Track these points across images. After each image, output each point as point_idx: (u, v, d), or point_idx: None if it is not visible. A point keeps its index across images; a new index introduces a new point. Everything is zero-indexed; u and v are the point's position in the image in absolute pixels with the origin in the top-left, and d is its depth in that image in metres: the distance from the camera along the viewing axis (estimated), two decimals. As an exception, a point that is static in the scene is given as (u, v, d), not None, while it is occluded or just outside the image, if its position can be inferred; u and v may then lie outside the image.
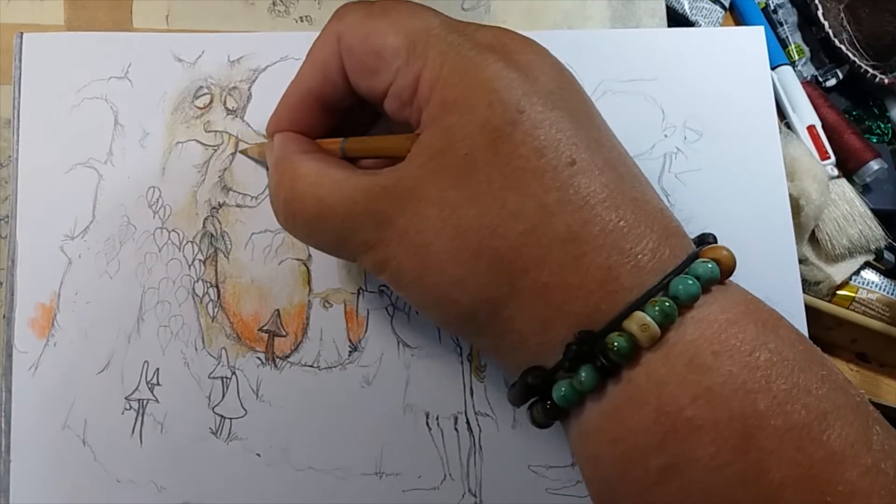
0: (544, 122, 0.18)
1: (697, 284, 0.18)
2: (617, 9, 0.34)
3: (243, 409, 0.28)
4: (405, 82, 0.20)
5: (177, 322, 0.28)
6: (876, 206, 0.36)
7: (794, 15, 0.39)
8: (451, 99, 0.19)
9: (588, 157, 0.18)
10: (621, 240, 0.18)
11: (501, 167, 0.18)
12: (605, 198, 0.18)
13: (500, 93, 0.18)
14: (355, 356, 0.28)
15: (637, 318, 0.17)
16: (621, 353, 0.17)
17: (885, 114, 0.39)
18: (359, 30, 0.21)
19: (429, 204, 0.19)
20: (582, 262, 0.18)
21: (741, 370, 0.17)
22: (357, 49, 0.21)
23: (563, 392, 0.18)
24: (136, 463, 0.27)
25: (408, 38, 0.20)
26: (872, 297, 0.35)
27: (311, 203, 0.21)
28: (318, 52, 0.22)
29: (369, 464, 0.27)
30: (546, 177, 0.18)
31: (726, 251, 0.19)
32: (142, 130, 0.30)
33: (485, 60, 0.19)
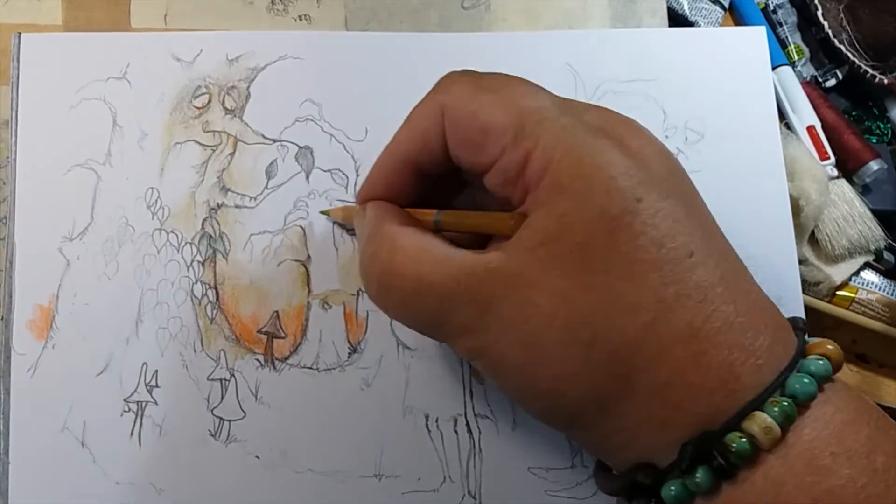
0: (661, 212, 0.18)
1: (814, 383, 0.17)
2: (617, 8, 0.34)
3: (242, 411, 0.27)
4: (512, 161, 0.19)
5: (175, 324, 0.28)
6: (875, 207, 0.36)
7: (794, 15, 0.39)
8: (566, 183, 0.18)
9: (704, 247, 0.18)
10: (741, 336, 0.17)
11: (619, 257, 0.17)
12: (723, 291, 0.18)
13: (618, 180, 0.18)
14: (354, 358, 0.28)
15: (759, 420, 0.17)
16: (742, 455, 0.17)
17: (884, 114, 0.39)
18: (466, 105, 0.20)
19: (539, 292, 0.18)
20: (703, 360, 0.17)
21: (860, 473, 0.16)
22: (463, 124, 0.20)
23: (673, 492, 0.18)
24: (134, 465, 0.27)
25: (518, 116, 0.19)
26: (872, 297, 0.35)
27: (409, 279, 0.20)
28: (419, 121, 0.22)
29: (368, 466, 0.27)
30: (665, 269, 0.17)
31: (832, 345, 0.19)
32: (140, 131, 0.29)
33: (601, 146, 0.18)
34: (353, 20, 0.33)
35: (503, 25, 0.33)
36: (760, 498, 0.17)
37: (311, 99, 0.30)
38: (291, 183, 0.29)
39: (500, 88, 0.20)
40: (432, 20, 0.33)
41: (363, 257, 0.22)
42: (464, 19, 0.33)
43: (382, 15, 0.33)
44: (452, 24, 0.33)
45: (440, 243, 0.21)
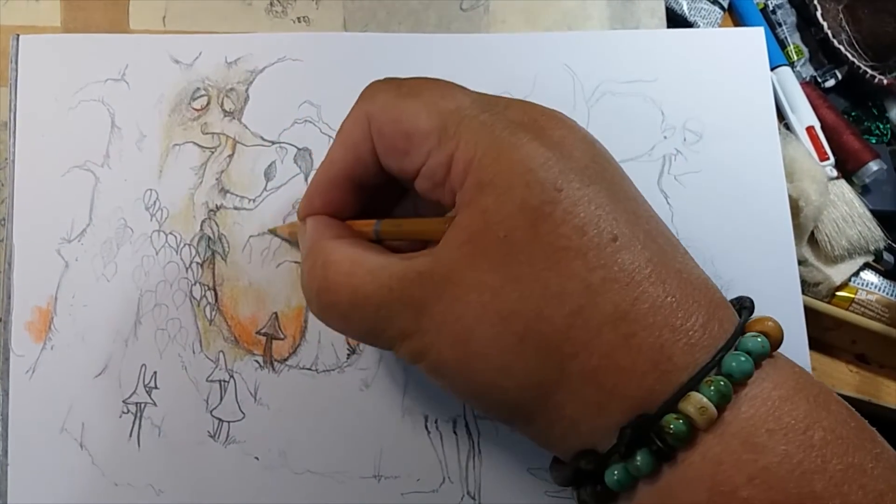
0: (583, 199, 0.18)
1: (751, 361, 0.17)
2: (616, 9, 0.34)
3: (241, 413, 0.27)
4: (437, 164, 0.19)
5: (174, 325, 0.28)
6: (875, 207, 0.36)
7: (793, 15, 0.39)
8: (487, 180, 0.18)
9: (629, 231, 0.18)
10: (671, 316, 0.17)
11: (543, 248, 0.18)
12: (651, 273, 0.18)
13: (537, 172, 0.18)
14: (354, 359, 0.28)
15: (694, 400, 0.17)
16: (679, 437, 0.17)
17: (884, 114, 0.39)
18: (389, 111, 0.20)
19: (468, 289, 0.18)
20: (632, 342, 0.17)
21: (797, 449, 0.16)
22: (387, 130, 0.21)
23: (615, 476, 0.18)
24: (133, 466, 0.27)
25: (439, 119, 0.19)
26: (872, 298, 0.35)
27: (344, 293, 0.20)
28: (349, 133, 0.22)
29: (368, 467, 0.27)
30: (589, 255, 0.18)
31: (772, 322, 0.19)
32: (139, 133, 0.29)
33: (519, 139, 0.19)
34: (352, 21, 0.33)
35: (502, 26, 0.33)
36: (700, 479, 0.17)
37: (309, 100, 0.30)
38: (290, 185, 0.29)
39: (420, 92, 0.20)
40: (431, 21, 0.33)
41: (302, 274, 0.22)
42: (462, 20, 0.33)
43: (381, 16, 0.33)
44: (451, 25, 0.33)
45: (373, 254, 0.21)
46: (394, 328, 0.20)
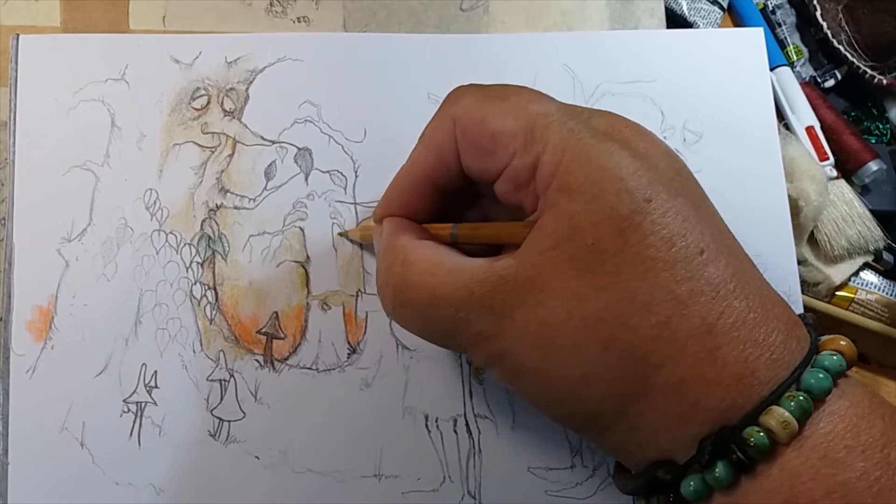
0: (670, 211, 0.18)
1: (829, 378, 0.17)
2: (616, 9, 0.34)
3: (242, 412, 0.28)
4: (522, 166, 0.19)
5: (175, 324, 0.28)
6: (875, 207, 0.36)
7: (793, 16, 0.39)
8: (575, 186, 0.18)
9: (714, 245, 0.18)
10: (755, 331, 0.18)
11: (631, 257, 0.18)
12: (735, 287, 0.18)
13: (627, 181, 0.18)
14: (354, 358, 0.28)
15: (776, 414, 0.17)
16: (760, 450, 0.17)
17: (883, 114, 0.39)
18: (475, 112, 0.21)
19: (552, 295, 0.18)
20: (718, 355, 0.17)
21: (874, 467, 0.16)
22: (472, 130, 0.21)
23: (692, 487, 0.18)
24: (134, 465, 0.27)
25: (526, 122, 0.19)
26: (871, 297, 0.35)
27: (423, 292, 0.20)
28: (433, 135, 0.22)
29: (368, 466, 0.27)
30: (677, 267, 0.18)
31: (845, 341, 0.19)
32: (139, 132, 0.29)
33: (608, 148, 0.19)
34: (352, 21, 0.33)
35: (501, 27, 0.33)
36: (777, 490, 0.17)
37: (309, 100, 0.30)
38: (290, 184, 0.29)
39: (508, 96, 0.20)
40: (431, 22, 0.33)
41: (378, 273, 0.22)
42: (462, 21, 0.33)
43: (381, 16, 0.33)
44: (451, 25, 0.33)
45: (453, 255, 0.21)
46: (471, 330, 0.20)
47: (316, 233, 0.29)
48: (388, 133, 0.30)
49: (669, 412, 0.18)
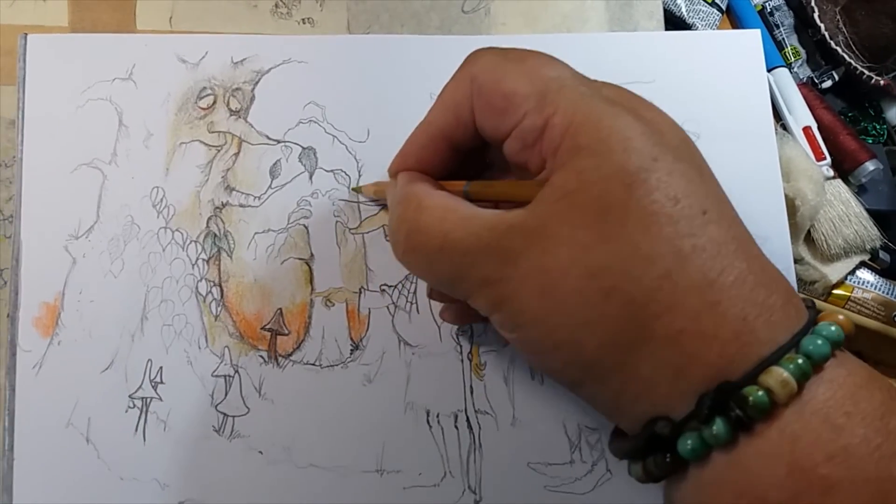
0: (675, 172, 0.18)
1: (828, 345, 0.18)
2: (615, 11, 0.34)
3: (246, 408, 0.28)
4: (532, 126, 0.20)
5: (180, 321, 0.28)
6: (871, 207, 0.36)
7: (791, 17, 0.40)
8: (584, 144, 0.19)
9: (717, 208, 0.19)
10: (754, 292, 0.18)
11: (636, 210, 0.18)
12: (736, 249, 0.18)
13: (635, 140, 0.19)
14: (357, 354, 0.28)
15: (776, 373, 0.17)
16: (759, 408, 0.17)
17: (880, 115, 0.39)
18: (493, 72, 0.21)
19: (558, 243, 0.19)
20: (717, 310, 0.18)
21: (875, 434, 0.17)
22: (488, 89, 0.21)
23: (689, 445, 0.18)
24: (139, 461, 0.27)
25: (540, 84, 0.20)
26: (868, 296, 0.36)
27: (434, 236, 0.21)
28: (452, 94, 0.23)
29: (370, 461, 0.27)
30: (681, 223, 0.18)
31: (843, 316, 0.19)
32: (146, 131, 0.30)
33: (618, 111, 0.19)
34: (356, 23, 0.33)
35: (502, 29, 0.34)
36: (776, 452, 0.17)
37: (314, 101, 0.30)
38: (295, 183, 0.30)
39: (525, 59, 0.21)
40: (433, 23, 0.33)
41: (392, 220, 0.23)
42: (464, 23, 0.34)
43: (384, 18, 0.33)
44: (453, 27, 0.34)
45: (466, 204, 0.21)
46: (477, 275, 0.20)
47: (320, 230, 0.29)
48: (391, 133, 0.30)
49: (667, 363, 0.18)
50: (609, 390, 0.20)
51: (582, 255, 0.18)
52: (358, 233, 0.29)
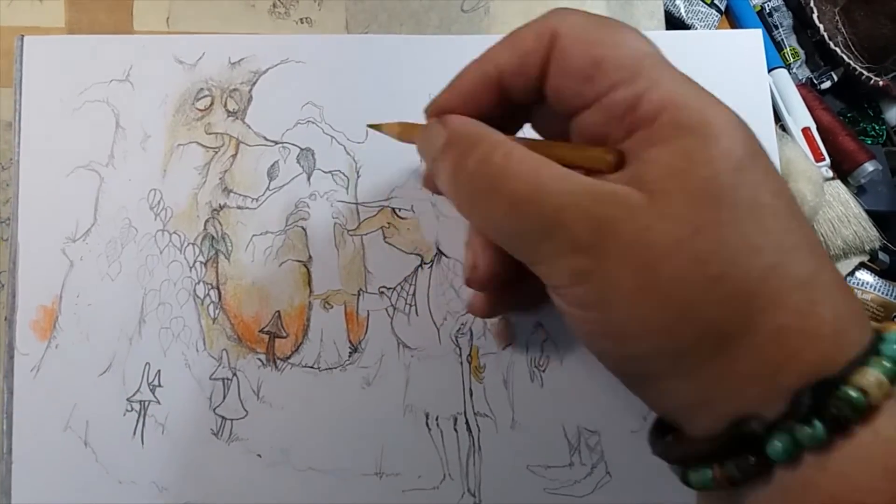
0: (771, 169, 0.18)
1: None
2: (615, 10, 0.34)
3: (244, 410, 0.28)
4: (622, 98, 0.19)
5: (178, 324, 0.28)
6: (870, 208, 0.36)
7: (790, 18, 0.40)
8: (690, 123, 0.18)
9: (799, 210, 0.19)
10: (842, 293, 0.18)
11: (746, 198, 0.18)
12: (823, 253, 0.18)
13: (740, 129, 0.18)
14: (355, 357, 0.28)
15: (870, 374, 0.17)
16: (857, 408, 0.16)
17: (879, 116, 0.39)
18: (584, 34, 0.20)
19: (665, 219, 0.18)
20: (817, 308, 0.17)
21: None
22: (577, 52, 0.20)
23: (780, 447, 0.17)
24: (137, 464, 0.27)
25: (636, 56, 0.19)
26: (867, 297, 0.36)
27: (527, 182, 0.19)
28: (523, 40, 0.21)
29: (369, 464, 0.27)
30: (782, 217, 0.18)
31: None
32: (143, 133, 0.30)
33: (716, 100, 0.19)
34: (354, 23, 0.33)
35: (502, 28, 0.34)
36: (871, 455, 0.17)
37: (312, 101, 0.30)
38: (293, 184, 0.30)
39: (619, 29, 0.20)
40: (432, 23, 0.33)
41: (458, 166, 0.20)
42: (463, 22, 0.34)
43: (382, 18, 0.33)
44: (452, 26, 0.33)
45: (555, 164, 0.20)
46: (566, 236, 0.18)
47: (318, 232, 0.29)
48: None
49: (768, 359, 0.17)
50: (696, 386, 0.18)
51: (691, 236, 0.17)
52: (356, 234, 0.29)
